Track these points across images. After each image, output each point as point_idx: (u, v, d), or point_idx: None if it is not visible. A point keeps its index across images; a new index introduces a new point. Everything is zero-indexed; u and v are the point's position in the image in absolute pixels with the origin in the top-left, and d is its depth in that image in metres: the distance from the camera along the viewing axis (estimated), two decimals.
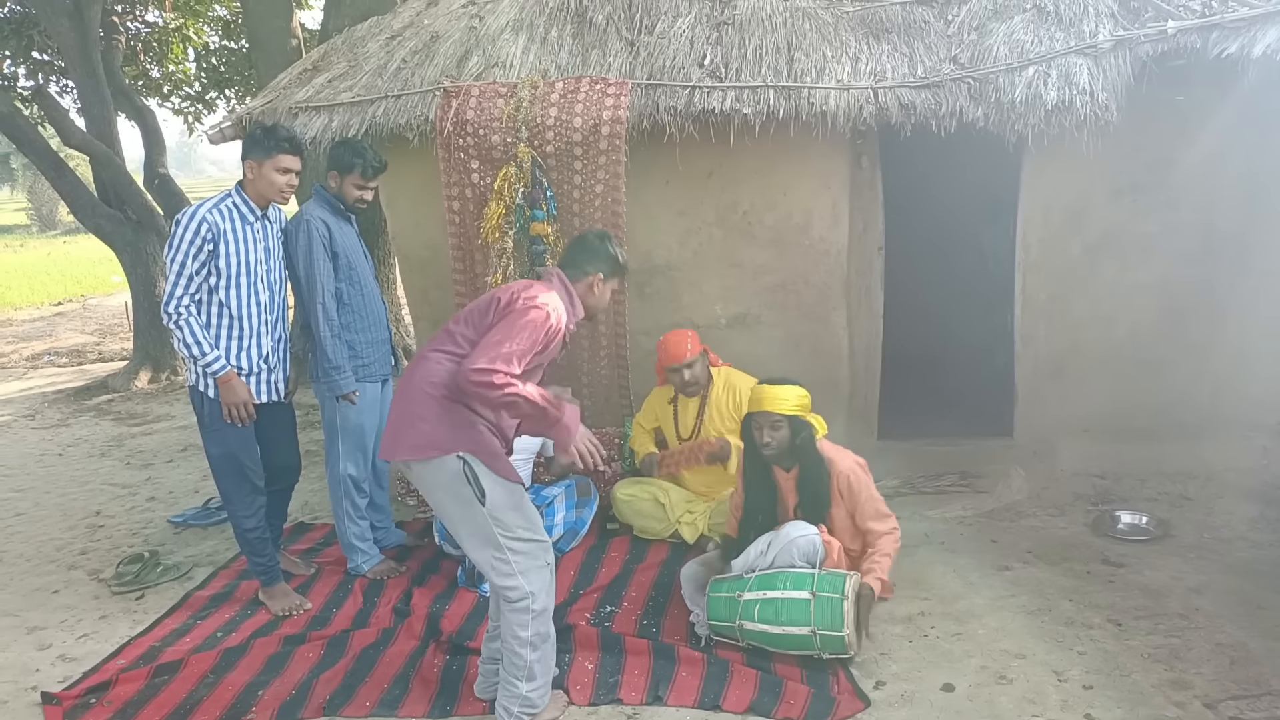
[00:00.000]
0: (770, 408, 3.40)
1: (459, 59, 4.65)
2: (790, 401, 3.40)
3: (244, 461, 3.58)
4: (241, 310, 3.47)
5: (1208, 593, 3.54)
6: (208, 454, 3.63)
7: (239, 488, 3.61)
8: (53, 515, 5.09)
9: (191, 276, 3.36)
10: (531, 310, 2.73)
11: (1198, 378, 4.59)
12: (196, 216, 3.36)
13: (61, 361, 10.04)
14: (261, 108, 4.69)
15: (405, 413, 2.77)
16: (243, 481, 3.60)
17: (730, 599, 3.25)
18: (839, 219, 4.58)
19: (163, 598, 3.94)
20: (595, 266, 3.02)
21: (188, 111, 11.63)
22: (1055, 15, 4.29)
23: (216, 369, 3.40)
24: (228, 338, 3.47)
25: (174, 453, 6.22)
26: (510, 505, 2.78)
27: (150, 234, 8.49)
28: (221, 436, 3.53)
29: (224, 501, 3.70)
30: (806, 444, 3.44)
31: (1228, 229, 4.44)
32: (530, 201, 4.34)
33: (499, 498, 2.75)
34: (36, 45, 9.78)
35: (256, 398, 3.55)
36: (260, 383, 3.57)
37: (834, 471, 3.47)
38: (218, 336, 3.45)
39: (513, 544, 2.76)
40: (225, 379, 3.42)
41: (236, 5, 10.13)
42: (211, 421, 3.51)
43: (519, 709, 2.81)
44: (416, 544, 4.31)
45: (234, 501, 3.63)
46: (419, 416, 2.74)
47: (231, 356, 3.47)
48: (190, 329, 3.36)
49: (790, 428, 3.41)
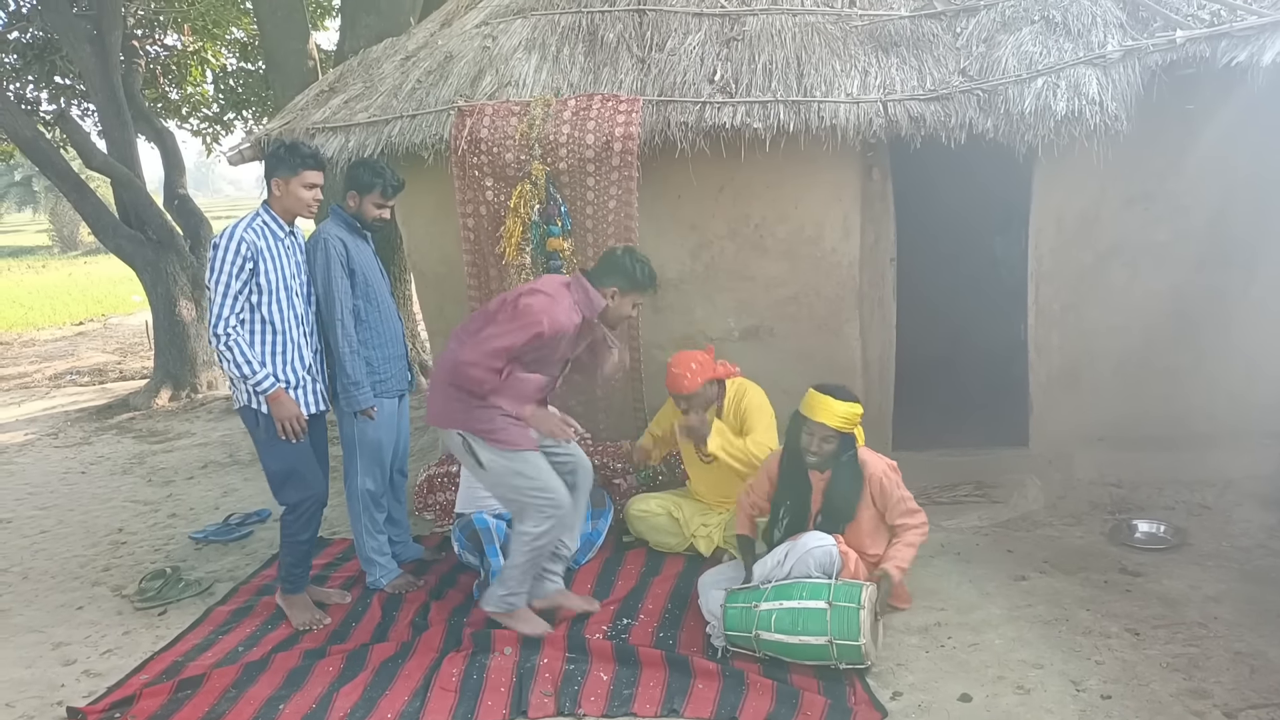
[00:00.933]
0: (826, 419, 3.42)
1: (473, 78, 4.71)
2: (846, 418, 3.43)
3: (305, 474, 3.64)
4: (283, 324, 3.54)
5: (1226, 601, 3.52)
6: (266, 471, 3.68)
7: (303, 500, 3.65)
8: (76, 532, 5.16)
9: (236, 296, 3.42)
10: (523, 312, 3.22)
11: (1213, 385, 4.57)
12: (235, 236, 3.43)
13: (83, 380, 10.16)
14: (279, 129, 4.77)
15: (432, 388, 3.48)
16: (304, 492, 3.65)
17: (746, 609, 3.27)
18: (850, 231, 4.61)
19: (185, 613, 3.99)
20: (613, 280, 3.41)
21: (206, 133, 11.80)
22: (1063, 26, 4.31)
23: (266, 387, 3.45)
24: (273, 353, 3.52)
25: (194, 470, 6.29)
26: (512, 471, 3.35)
27: (170, 253, 8.60)
28: (280, 452, 3.58)
29: (286, 514, 3.70)
30: (850, 462, 3.50)
31: (1239, 236, 4.43)
32: (545, 218, 4.39)
33: (498, 465, 3.34)
34: (59, 70, 9.96)
35: (305, 409, 3.60)
36: (306, 394, 3.63)
37: (867, 474, 3.52)
38: (263, 353, 3.50)
39: (518, 499, 3.38)
40: (275, 396, 3.47)
41: (253, 28, 10.28)
42: (269, 437, 3.56)
43: (495, 604, 3.47)
44: (434, 558, 4.34)
45: (297, 512, 3.66)
46: (436, 393, 3.43)
47: (278, 370, 3.52)
48: (240, 348, 3.41)
49: (840, 444, 3.46)
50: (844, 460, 3.51)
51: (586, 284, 3.38)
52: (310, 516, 3.69)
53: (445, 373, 3.37)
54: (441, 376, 3.40)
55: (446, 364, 3.37)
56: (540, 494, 3.36)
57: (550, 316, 3.22)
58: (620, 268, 3.40)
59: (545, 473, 3.40)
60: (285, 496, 3.67)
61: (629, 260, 3.42)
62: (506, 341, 3.21)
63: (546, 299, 3.26)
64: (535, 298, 3.26)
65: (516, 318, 3.22)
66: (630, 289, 3.42)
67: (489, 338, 3.23)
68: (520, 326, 3.21)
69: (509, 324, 3.23)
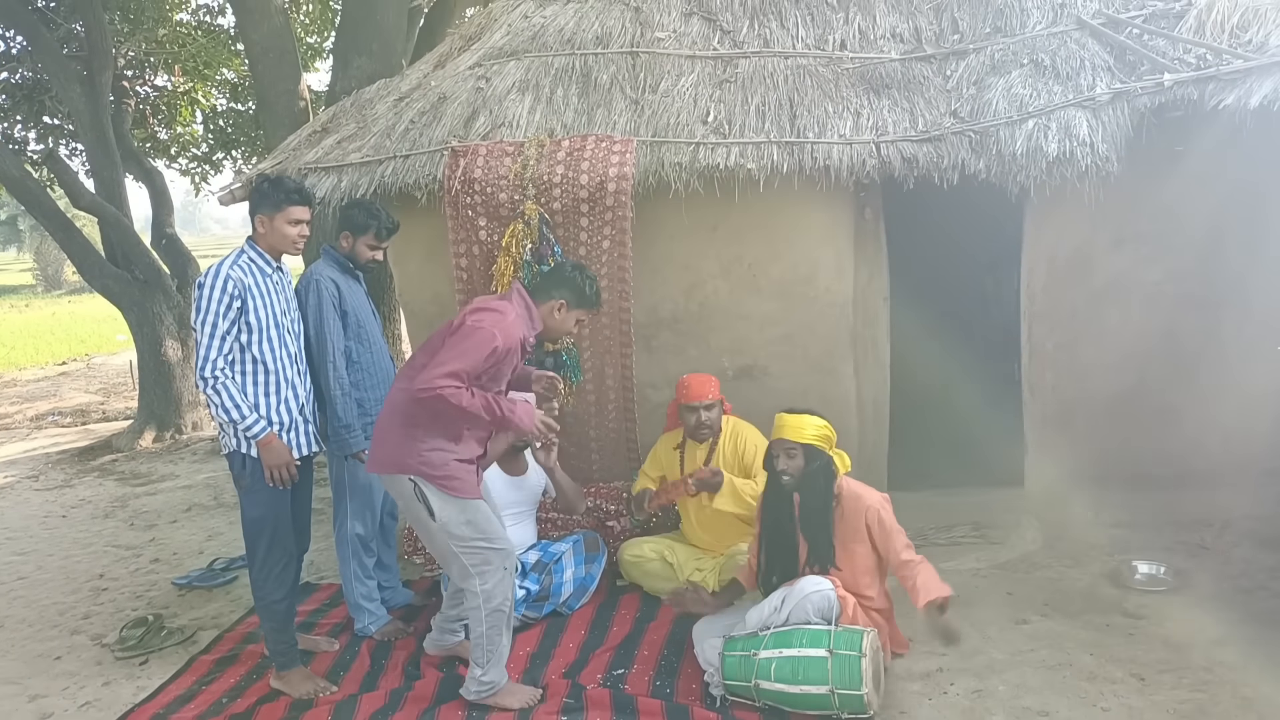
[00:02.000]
0: (787, 435, 3.41)
1: (466, 119, 4.72)
2: (808, 430, 3.40)
3: (281, 525, 3.46)
4: (275, 364, 3.41)
5: (1231, 645, 3.47)
6: (244, 518, 3.49)
7: (273, 553, 3.46)
8: (55, 579, 5.04)
9: (224, 336, 3.28)
10: (476, 331, 3.07)
11: (1209, 425, 4.57)
12: (221, 274, 3.30)
13: (65, 421, 10.02)
14: (271, 168, 4.75)
15: (377, 432, 3.27)
16: (277, 546, 3.46)
17: (746, 657, 3.20)
18: (844, 270, 4.61)
19: (167, 663, 3.88)
20: (561, 293, 3.30)
21: (195, 172, 11.79)
22: (1052, 69, 4.36)
23: (256, 432, 3.31)
24: (265, 393, 3.39)
25: (178, 513, 6.17)
26: (463, 520, 3.16)
27: (157, 293, 8.55)
28: (262, 498, 3.41)
29: (254, 570, 3.50)
30: (816, 473, 3.42)
31: (1231, 276, 4.46)
32: (538, 258, 4.37)
33: (450, 514, 3.15)
34: (48, 110, 9.97)
35: (298, 451, 3.47)
36: (299, 434, 3.51)
37: (861, 507, 3.46)
38: (255, 394, 3.37)
39: (467, 552, 3.18)
40: (266, 441, 3.33)
41: (244, 69, 10.33)
42: (253, 484, 3.39)
43: (476, 690, 3.26)
44: (424, 603, 4.25)
45: (266, 568, 3.46)
46: (383, 438, 3.22)
47: (270, 411, 3.39)
48: (228, 392, 3.28)
49: (805, 456, 3.40)
50: (813, 469, 3.41)
51: (527, 299, 3.26)
52: (282, 572, 3.48)
53: (397, 413, 3.18)
54: (391, 419, 3.20)
55: (397, 403, 3.19)
56: (489, 543, 3.20)
57: (503, 330, 3.09)
58: (570, 282, 3.30)
59: (494, 522, 3.26)
60: (258, 548, 3.46)
61: (579, 275, 3.33)
62: (463, 364, 3.02)
63: (495, 315, 3.13)
64: (483, 315, 3.13)
65: (469, 336, 3.06)
66: (578, 304, 3.32)
67: (442, 362, 3.02)
68: (475, 345, 3.05)
69: (462, 344, 3.06)
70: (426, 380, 2.98)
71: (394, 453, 3.17)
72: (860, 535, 3.47)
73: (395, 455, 3.17)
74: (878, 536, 3.46)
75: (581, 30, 5.05)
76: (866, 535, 3.47)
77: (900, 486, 4.93)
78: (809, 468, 3.42)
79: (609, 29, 5.04)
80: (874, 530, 3.45)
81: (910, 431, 5.32)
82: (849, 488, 3.51)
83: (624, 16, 5.11)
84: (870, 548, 3.49)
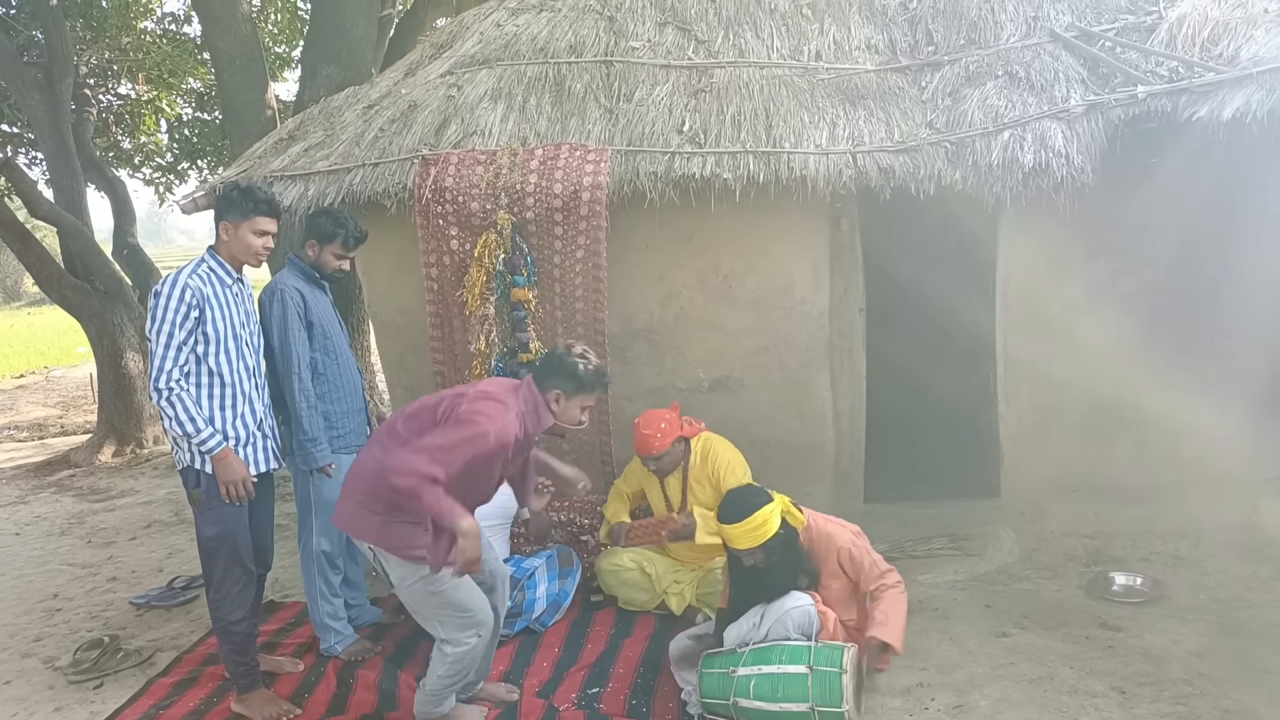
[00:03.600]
0: (741, 546, 3.29)
1: (437, 127, 4.64)
2: (758, 533, 3.25)
3: (239, 543, 3.33)
4: (232, 376, 3.30)
5: (1210, 656, 3.46)
6: (199, 536, 3.35)
7: (230, 573, 3.33)
8: (7, 599, 4.85)
9: (180, 347, 3.17)
10: (473, 425, 2.86)
11: (1183, 436, 4.57)
12: (179, 284, 3.19)
13: (21, 436, 9.74)
14: (236, 176, 4.64)
15: (345, 488, 3.09)
16: (235, 566, 3.34)
17: (724, 674, 3.13)
18: (820, 281, 4.58)
19: (122, 686, 3.73)
20: (555, 382, 3.08)
21: (159, 182, 11.57)
22: (1027, 81, 4.37)
23: (211, 446, 3.19)
24: (220, 407, 3.28)
25: (137, 529, 5.99)
26: (426, 593, 3.00)
27: (118, 304, 8.34)
28: (217, 515, 3.28)
29: (211, 592, 3.38)
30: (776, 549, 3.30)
31: (1204, 288, 4.47)
32: (511, 268, 4.30)
33: (414, 587, 2.99)
34: (5, 117, 9.73)
35: (255, 467, 3.35)
36: (257, 450, 3.38)
37: (833, 547, 3.44)
38: (210, 407, 3.26)
39: (435, 616, 3.05)
40: (221, 456, 3.21)
41: (210, 78, 10.16)
42: (208, 501, 3.27)
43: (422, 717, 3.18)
44: (392, 620, 4.14)
45: (223, 590, 3.34)
46: (347, 496, 3.05)
47: (227, 426, 3.28)
48: (183, 404, 3.16)
49: (764, 551, 3.29)
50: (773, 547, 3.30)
51: (536, 393, 3.06)
52: (241, 593, 3.36)
53: (362, 478, 2.99)
54: (356, 480, 3.02)
55: (365, 469, 2.99)
56: (460, 615, 3.04)
57: (498, 430, 2.88)
58: (563, 368, 3.06)
59: (464, 591, 3.04)
60: (214, 568, 3.34)
61: (571, 360, 3.07)
62: (448, 458, 2.81)
63: (496, 408, 2.93)
64: (484, 405, 2.92)
65: (462, 428, 2.85)
66: (576, 391, 3.07)
67: (427, 449, 2.81)
68: (466, 440, 2.83)
69: (453, 433, 2.85)
70: (404, 465, 2.79)
71: (354, 515, 3.01)
72: (834, 571, 3.47)
73: (355, 518, 3.01)
74: (850, 571, 3.46)
75: (555, 39, 4.99)
76: (840, 571, 3.46)
77: (877, 498, 4.91)
78: (769, 555, 3.31)
79: (583, 38, 4.99)
80: (846, 566, 3.46)
81: (887, 443, 5.30)
82: (819, 527, 3.48)
83: (598, 26, 5.06)
84: (845, 580, 3.48)
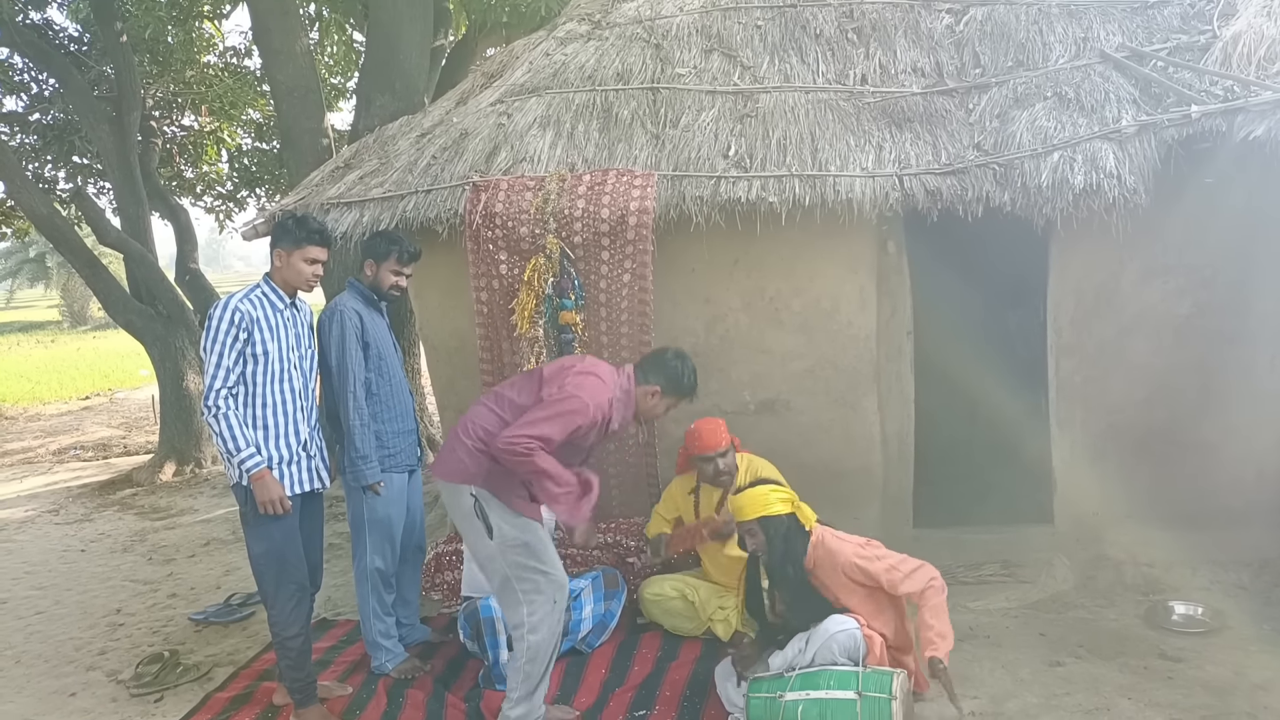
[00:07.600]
0: (740, 516, 3.37)
1: (488, 154, 4.74)
2: (757, 504, 3.32)
3: (289, 559, 3.43)
4: (277, 397, 3.42)
5: (1275, 690, 3.36)
6: (250, 553, 3.47)
7: (282, 589, 3.43)
8: (73, 613, 5.01)
9: (229, 368, 3.32)
10: (572, 399, 3.10)
11: (1242, 461, 4.45)
12: (230, 307, 3.36)
13: (87, 455, 10.06)
14: (294, 204, 4.79)
15: (450, 441, 3.28)
16: (287, 582, 3.43)
17: (771, 699, 3.11)
18: (867, 303, 4.57)
19: (181, 700, 3.83)
20: (657, 379, 3.36)
21: (219, 210, 11.95)
22: (1076, 102, 4.34)
23: (250, 465, 3.31)
24: (262, 426, 3.40)
25: (196, 547, 6.15)
26: (520, 542, 3.15)
27: (180, 328, 8.62)
28: (265, 531, 3.39)
29: (267, 608, 3.50)
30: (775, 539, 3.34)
31: (1264, 309, 4.36)
32: (559, 291, 4.36)
33: (508, 534, 3.14)
34: (77, 150, 10.15)
35: (299, 486, 3.46)
36: (300, 470, 3.49)
37: (838, 564, 3.38)
38: (255, 426, 3.38)
39: (519, 577, 3.14)
40: (259, 476, 3.32)
41: (269, 109, 10.49)
42: (254, 517, 3.39)
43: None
44: (441, 639, 4.19)
45: (277, 606, 3.44)
46: (455, 446, 3.22)
47: (270, 445, 3.40)
48: (229, 422, 3.30)
49: (763, 529, 3.32)
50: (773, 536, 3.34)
51: (634, 383, 3.32)
52: (295, 608, 3.45)
53: (471, 436, 3.20)
54: (466, 436, 3.21)
55: (474, 426, 3.21)
56: (542, 571, 3.17)
57: (596, 405, 3.13)
58: (669, 370, 3.36)
59: (551, 549, 3.25)
60: (265, 584, 3.45)
61: (679, 364, 3.38)
62: (552, 429, 3.06)
63: (596, 384, 3.18)
64: (586, 380, 3.18)
65: (565, 401, 3.09)
66: (672, 392, 3.37)
67: (533, 422, 3.06)
68: (568, 413, 3.08)
69: (556, 406, 3.09)
70: (510, 438, 3.02)
71: (463, 462, 3.18)
72: (848, 586, 3.40)
73: (463, 465, 3.17)
74: (865, 581, 3.39)
75: (602, 67, 5.08)
76: (854, 585, 3.40)
77: (926, 524, 4.84)
78: (769, 537, 3.35)
79: (629, 66, 5.07)
80: (858, 579, 3.38)
81: (936, 467, 5.23)
82: (826, 544, 3.42)
83: (644, 54, 5.14)
84: (867, 592, 3.41)
